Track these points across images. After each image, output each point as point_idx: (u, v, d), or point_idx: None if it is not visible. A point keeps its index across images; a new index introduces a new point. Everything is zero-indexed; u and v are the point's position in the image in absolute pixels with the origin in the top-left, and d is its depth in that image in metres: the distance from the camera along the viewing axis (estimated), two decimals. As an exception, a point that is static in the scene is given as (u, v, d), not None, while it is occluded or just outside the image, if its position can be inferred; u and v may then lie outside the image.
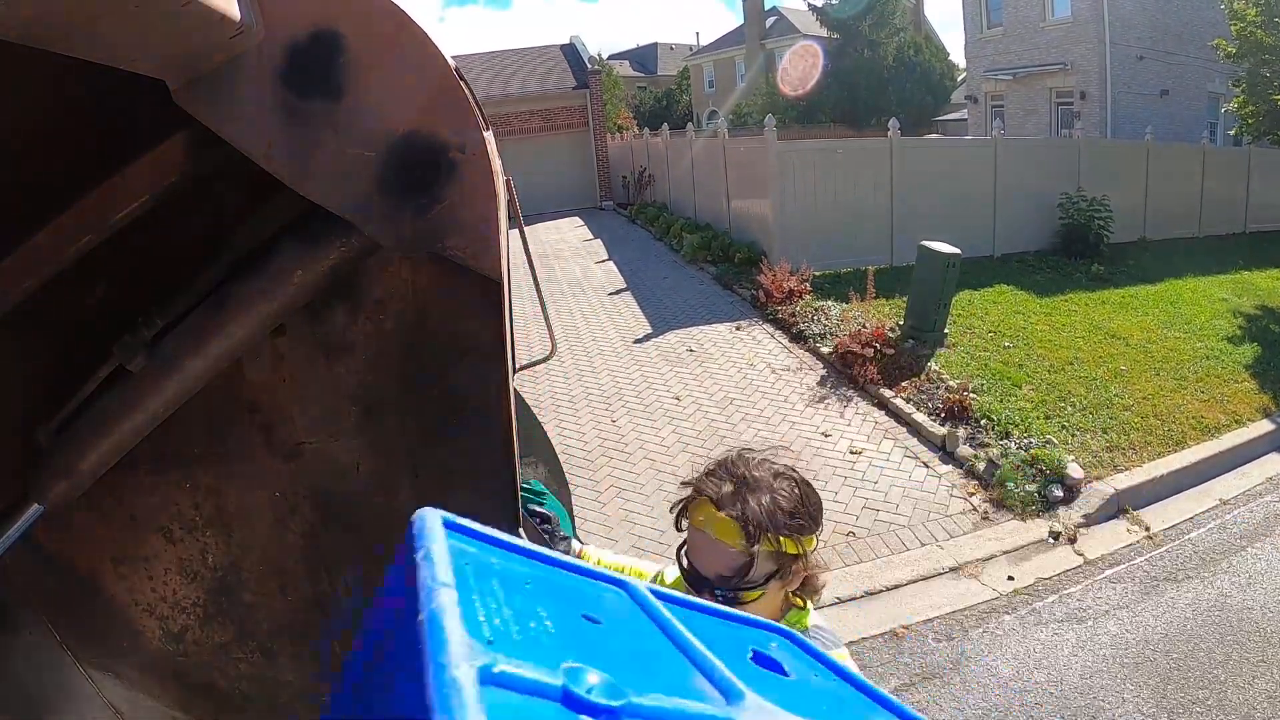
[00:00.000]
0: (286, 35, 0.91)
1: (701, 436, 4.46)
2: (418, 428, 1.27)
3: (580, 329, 6.88)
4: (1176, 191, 9.78)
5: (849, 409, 4.78)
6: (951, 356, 5.41)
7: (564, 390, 5.40)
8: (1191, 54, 13.24)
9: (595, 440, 4.53)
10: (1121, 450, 4.29)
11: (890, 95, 19.90)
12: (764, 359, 5.69)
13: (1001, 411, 4.46)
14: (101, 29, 0.66)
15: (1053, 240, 8.81)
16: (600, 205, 15.21)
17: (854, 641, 2.81)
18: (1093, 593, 3.19)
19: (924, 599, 3.08)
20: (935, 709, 2.49)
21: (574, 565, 0.41)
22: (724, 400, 4.97)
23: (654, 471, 4.09)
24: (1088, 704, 2.56)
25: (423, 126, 0.97)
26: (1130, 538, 3.63)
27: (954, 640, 2.86)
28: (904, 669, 2.70)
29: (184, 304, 1.11)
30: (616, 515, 3.68)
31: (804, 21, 23.58)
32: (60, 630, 1.38)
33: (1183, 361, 5.63)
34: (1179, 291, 7.58)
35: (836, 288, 6.99)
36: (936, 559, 3.32)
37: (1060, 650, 2.82)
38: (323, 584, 1.38)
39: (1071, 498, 3.82)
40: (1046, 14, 13.93)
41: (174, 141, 1.02)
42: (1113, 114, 12.85)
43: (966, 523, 3.61)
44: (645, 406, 4.97)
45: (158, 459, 1.28)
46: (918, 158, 8.20)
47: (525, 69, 16.02)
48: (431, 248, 1.02)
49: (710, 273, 8.24)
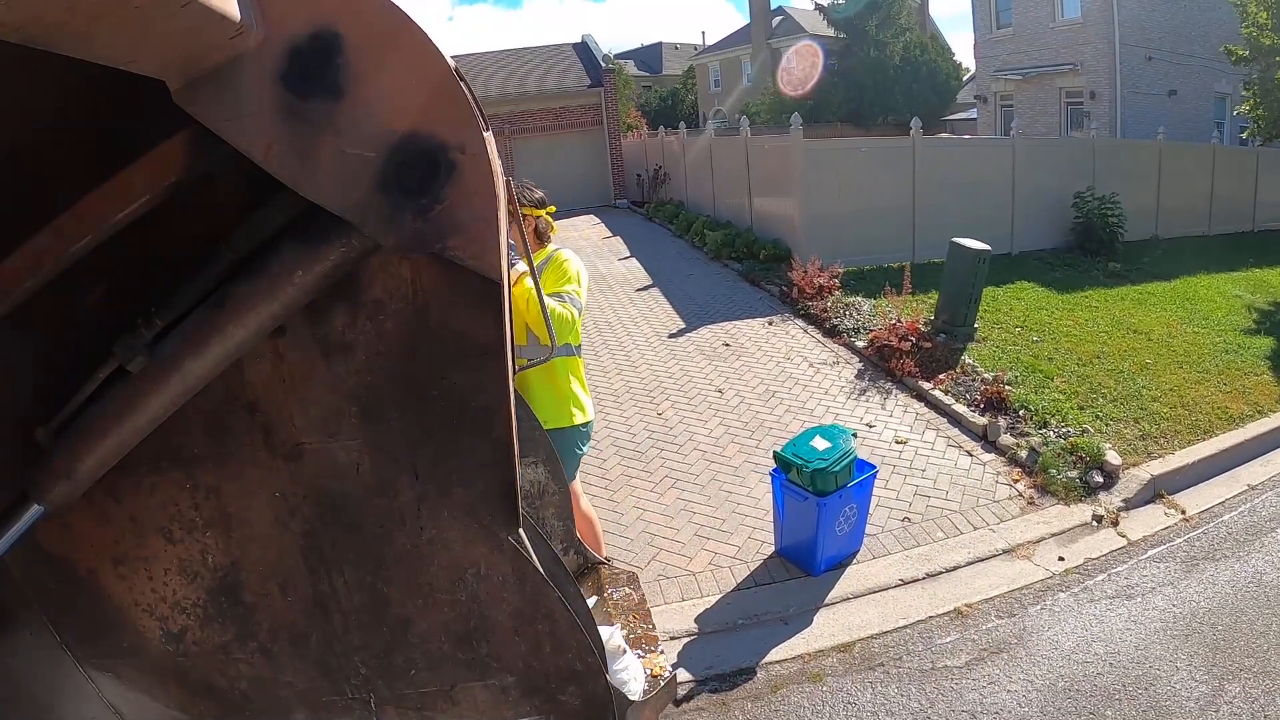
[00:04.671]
0: (286, 35, 0.89)
1: (749, 428, 4.61)
2: (418, 428, 1.25)
3: (613, 324, 7.02)
4: (1187, 190, 9.98)
5: (889, 401, 4.94)
6: (983, 350, 5.58)
7: (605, 385, 5.53)
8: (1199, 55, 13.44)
9: (644, 433, 4.67)
10: (1153, 439, 4.45)
11: (897, 95, 20.07)
12: (800, 353, 5.84)
13: (1038, 402, 4.62)
14: (101, 29, 0.65)
15: (1067, 238, 8.99)
16: (614, 203, 15.35)
17: (921, 620, 2.98)
18: (1138, 571, 3.35)
19: (982, 579, 3.24)
20: (1006, 680, 2.65)
21: None
22: (766, 393, 5.12)
23: (706, 462, 4.24)
24: (1145, 673, 2.72)
25: (423, 127, 0.95)
26: (1168, 520, 3.79)
27: (1015, 617, 3.02)
28: (971, 645, 2.85)
29: (184, 304, 1.09)
30: (675, 505, 3.82)
31: (810, 21, 23.71)
32: (60, 630, 1.36)
33: (1203, 355, 5.81)
34: (1194, 288, 7.76)
35: (860, 284, 7.15)
36: (990, 542, 3.48)
37: (1114, 624, 2.98)
38: (323, 584, 1.36)
39: (1111, 483, 3.98)
40: (1056, 15, 14.12)
41: (174, 141, 1.00)
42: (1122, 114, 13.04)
43: (1014, 508, 3.77)
44: (689, 400, 5.11)
45: (158, 459, 1.26)
46: (938, 157, 8.37)
47: (539, 68, 16.12)
48: (432, 248, 1.00)
49: (735, 269, 8.38)
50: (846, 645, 2.84)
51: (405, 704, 1.49)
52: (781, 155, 8.23)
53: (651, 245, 10.68)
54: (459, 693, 1.47)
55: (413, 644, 1.43)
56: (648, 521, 3.67)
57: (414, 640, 1.43)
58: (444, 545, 1.34)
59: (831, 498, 2.97)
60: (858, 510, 3.22)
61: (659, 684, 1.79)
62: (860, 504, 3.22)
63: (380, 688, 1.48)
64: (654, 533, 3.57)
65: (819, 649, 2.82)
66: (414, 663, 1.45)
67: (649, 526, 3.63)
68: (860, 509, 3.24)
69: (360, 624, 1.41)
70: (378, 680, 1.47)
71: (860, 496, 3.19)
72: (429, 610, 1.40)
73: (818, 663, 2.75)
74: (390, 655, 1.44)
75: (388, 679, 1.47)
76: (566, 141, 15.32)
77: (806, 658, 2.78)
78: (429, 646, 1.43)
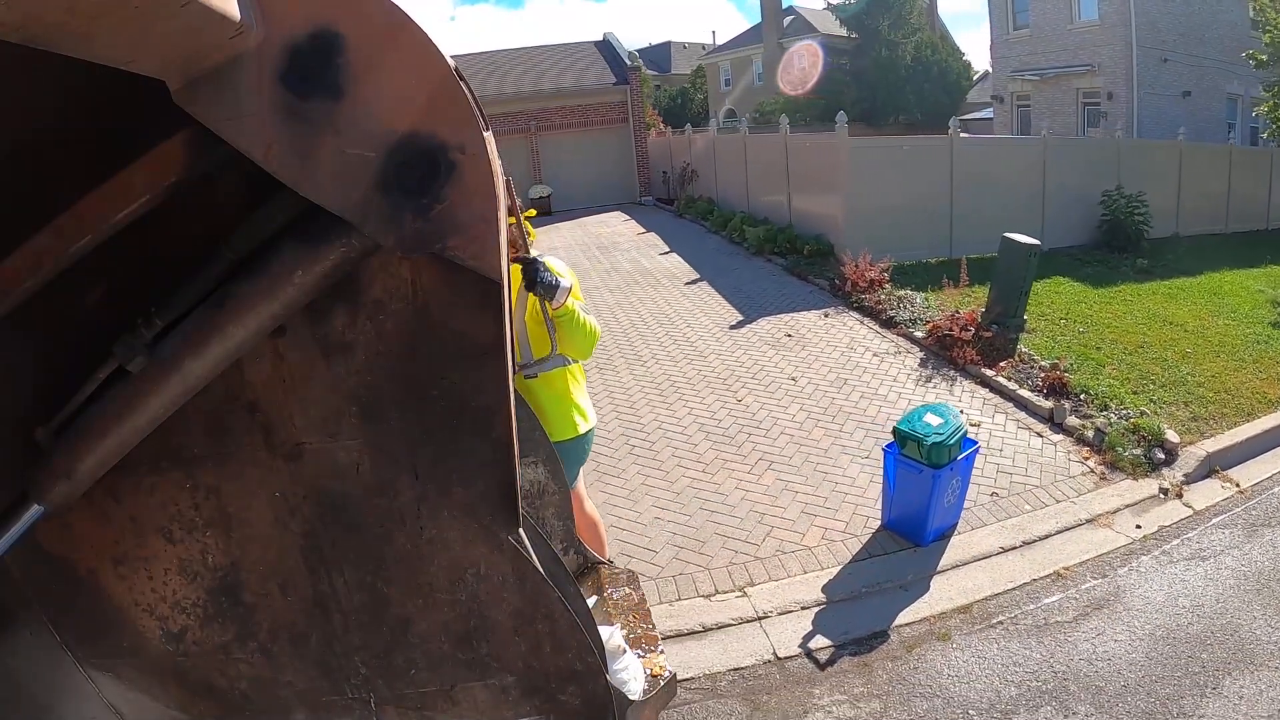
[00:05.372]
0: (286, 35, 0.89)
1: (828, 413, 4.92)
2: (418, 428, 1.25)
3: (671, 317, 7.31)
4: (1206, 189, 10.35)
5: (955, 387, 5.27)
6: (1035, 340, 5.92)
7: (678, 373, 5.83)
8: (1212, 56, 13.85)
9: (728, 419, 4.97)
10: (1203, 420, 4.81)
11: (908, 95, 20.37)
12: (860, 343, 6.16)
13: (1096, 387, 4.96)
14: (101, 29, 0.65)
15: (1094, 235, 9.34)
16: (640, 200, 15.60)
17: (1026, 583, 3.29)
18: (1208, 536, 3.70)
19: (1072, 545, 3.57)
20: (1111, 632, 2.98)
21: None
22: (838, 380, 5.43)
23: (795, 446, 4.54)
24: (1228, 622, 3.06)
25: (423, 126, 0.95)
26: (1224, 493, 4.14)
27: (1107, 578, 3.36)
28: (1074, 603, 3.18)
29: (184, 304, 1.09)
30: (775, 486, 4.11)
31: (821, 21, 23.94)
32: (60, 630, 1.36)
33: (1237, 345, 6.18)
34: (1218, 283, 8.14)
35: (904, 278, 7.47)
36: (1073, 513, 3.81)
37: (1194, 582, 3.32)
38: (323, 584, 1.36)
39: (1171, 460, 4.32)
40: (1073, 16, 14.47)
41: (174, 141, 1.01)
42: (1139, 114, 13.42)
43: (1088, 483, 4.11)
44: (765, 387, 5.42)
45: (158, 459, 1.25)
46: (974, 155, 8.69)
47: (562, 65, 16.31)
48: (432, 248, 1.00)
49: (779, 264, 8.69)
50: (965, 607, 3.16)
51: (405, 704, 1.48)
52: (825, 153, 8.53)
53: (688, 241, 10.96)
54: (459, 693, 1.47)
55: (413, 644, 1.43)
56: (752, 501, 3.97)
57: (414, 640, 1.43)
58: (444, 545, 1.33)
59: (944, 470, 3.29)
60: (960, 484, 3.54)
61: (659, 684, 1.79)
62: (963, 477, 3.54)
63: (380, 688, 1.47)
64: (761, 512, 3.87)
65: (941, 611, 3.12)
66: (414, 663, 1.44)
67: (755, 506, 3.92)
68: (963, 482, 3.56)
69: (360, 624, 1.40)
70: (378, 680, 1.46)
71: (965, 470, 3.51)
72: (429, 610, 1.40)
73: (943, 623, 3.06)
74: (390, 655, 1.44)
75: (388, 679, 1.46)
76: (591, 139, 15.54)
77: (932, 620, 3.08)
78: (429, 646, 1.43)
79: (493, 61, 15.75)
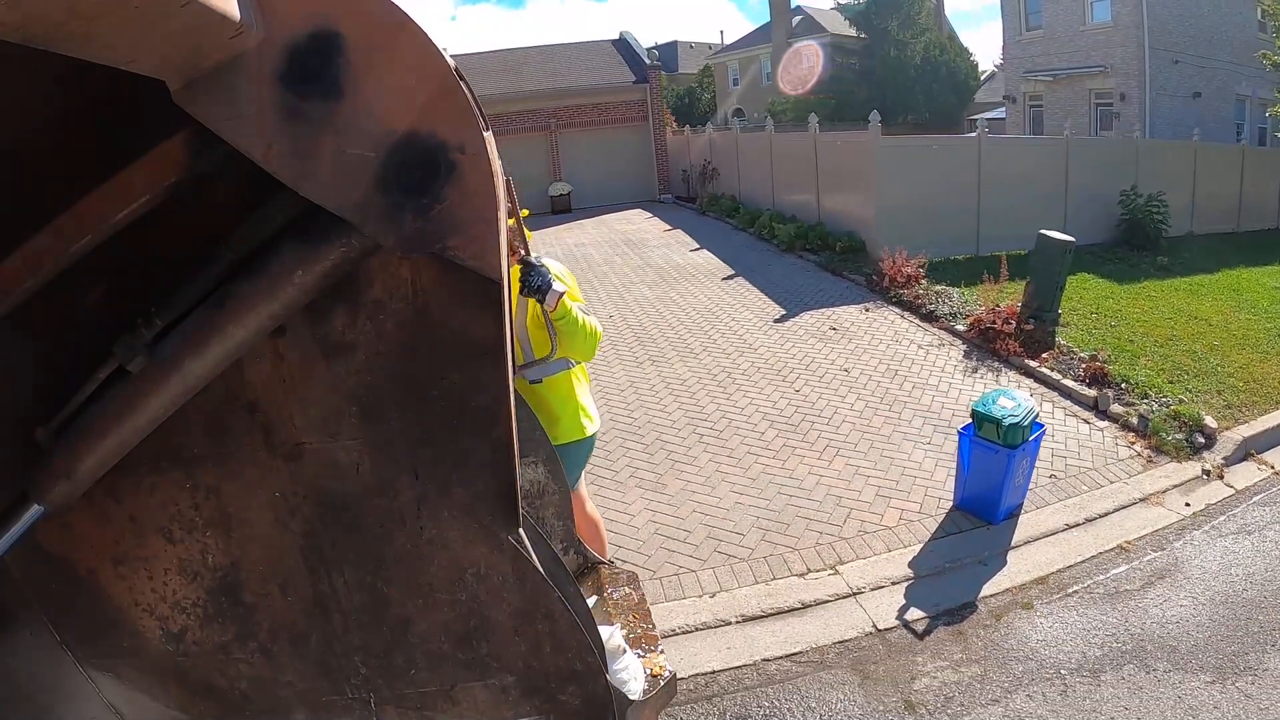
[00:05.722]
0: (286, 35, 0.89)
1: (885, 402, 5.19)
2: (418, 428, 1.25)
3: (714, 311, 7.56)
4: (1219, 189, 10.67)
5: (1000, 377, 5.55)
6: (1071, 333, 6.21)
7: (731, 365, 6.09)
8: (1221, 58, 14.17)
9: (789, 408, 5.23)
10: (1236, 408, 5.11)
11: (918, 94, 20.61)
12: (904, 336, 6.44)
13: (1135, 376, 5.26)
14: (101, 29, 0.65)
15: (1114, 233, 9.64)
16: (659, 198, 15.82)
17: (1093, 556, 3.57)
18: (1251, 512, 4.00)
19: (1130, 522, 3.86)
20: (1176, 598, 3.26)
21: None
22: (889, 371, 5.71)
23: (859, 433, 4.80)
24: (1279, 588, 3.35)
25: (422, 127, 0.95)
26: (1261, 474, 4.44)
27: (1165, 550, 3.64)
28: (1139, 573, 3.47)
29: (184, 304, 1.09)
30: (847, 470, 4.36)
31: (830, 21, 24.15)
32: (60, 630, 1.36)
33: (1260, 339, 6.49)
34: (1235, 280, 8.45)
35: (935, 274, 7.74)
36: (1126, 493, 4.10)
37: (1244, 553, 3.61)
38: (323, 584, 1.36)
39: (1211, 444, 4.62)
40: (1086, 18, 14.77)
41: (174, 141, 1.01)
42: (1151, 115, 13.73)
43: (1136, 465, 4.40)
44: (819, 378, 5.68)
45: (158, 459, 1.25)
46: (999, 155, 8.96)
47: (580, 63, 16.47)
48: (432, 248, 1.00)
49: (812, 260, 8.96)
50: (1042, 579, 3.43)
51: (405, 704, 1.49)
52: (856, 151, 8.79)
53: (714, 238, 11.21)
54: (459, 692, 1.47)
55: (413, 644, 1.43)
56: (828, 486, 4.22)
57: (414, 640, 1.43)
58: (444, 545, 1.34)
59: (1018, 450, 3.56)
60: (1029, 464, 3.81)
61: (659, 684, 1.80)
62: (1032, 458, 3.81)
63: (380, 687, 1.47)
64: (839, 495, 4.12)
65: (1020, 583, 3.39)
66: (414, 663, 1.45)
67: (830, 490, 4.18)
68: (1030, 463, 3.83)
69: (360, 624, 1.41)
70: (378, 680, 1.46)
71: (1033, 451, 3.79)
72: (429, 610, 1.40)
73: (1024, 594, 3.34)
74: (390, 655, 1.44)
75: (388, 679, 1.46)
76: (611, 137, 15.71)
77: (1013, 591, 3.35)
78: (429, 646, 1.43)
79: (508, 60, 15.89)
